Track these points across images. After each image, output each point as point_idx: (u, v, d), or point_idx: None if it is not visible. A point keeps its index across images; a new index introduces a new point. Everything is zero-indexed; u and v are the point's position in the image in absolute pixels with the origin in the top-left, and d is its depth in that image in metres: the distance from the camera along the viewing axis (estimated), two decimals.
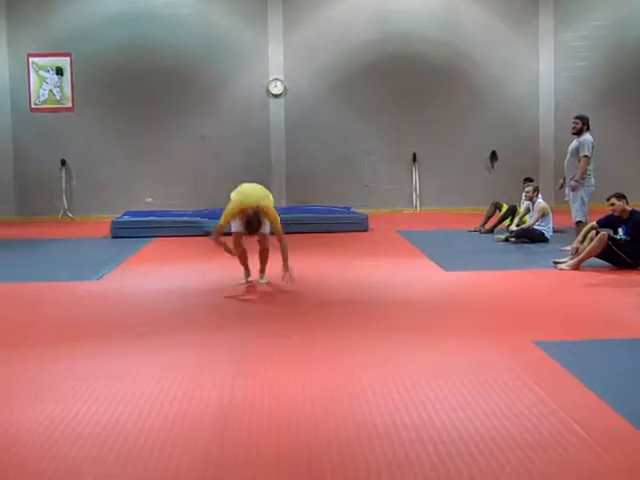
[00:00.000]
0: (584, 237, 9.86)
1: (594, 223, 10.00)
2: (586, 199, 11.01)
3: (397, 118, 17.44)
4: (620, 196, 9.86)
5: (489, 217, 13.78)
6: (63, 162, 17.17)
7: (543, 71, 17.65)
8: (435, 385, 5.25)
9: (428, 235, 13.39)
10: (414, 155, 17.44)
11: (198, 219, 13.84)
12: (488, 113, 17.60)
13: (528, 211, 12.71)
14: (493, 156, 17.43)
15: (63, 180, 17.17)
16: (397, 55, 17.28)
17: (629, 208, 9.81)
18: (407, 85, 17.39)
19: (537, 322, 7.12)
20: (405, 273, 9.80)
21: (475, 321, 7.18)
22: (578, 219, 10.97)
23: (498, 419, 4.60)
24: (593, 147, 11.07)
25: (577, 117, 11.33)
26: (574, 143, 11.20)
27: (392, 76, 17.36)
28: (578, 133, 11.14)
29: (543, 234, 12.30)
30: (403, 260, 10.80)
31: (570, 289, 8.80)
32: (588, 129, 11.19)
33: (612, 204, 9.81)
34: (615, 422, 4.57)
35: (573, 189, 11.04)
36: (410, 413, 4.74)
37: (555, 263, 9.90)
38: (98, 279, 9.55)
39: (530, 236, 12.27)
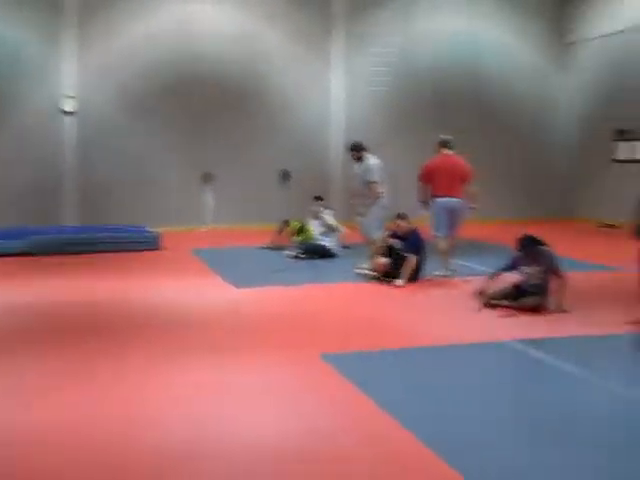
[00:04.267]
0: (377, 253, 10.53)
1: (384, 240, 10.68)
2: (380, 218, 11.34)
3: (192, 137, 17.56)
4: (404, 217, 10.56)
5: (279, 234, 14.15)
6: None
7: (335, 94, 18.40)
8: (227, 403, 5.46)
9: (221, 253, 13.59)
10: (208, 173, 17.61)
11: None
12: (282, 133, 18.10)
13: (318, 228, 13.18)
14: (285, 175, 17.90)
15: None
16: (194, 75, 17.41)
17: (409, 227, 10.53)
18: (202, 104, 17.54)
19: (326, 336, 7.51)
20: (197, 292, 9.93)
21: (266, 337, 7.45)
22: (372, 236, 11.30)
23: (286, 434, 4.88)
24: (380, 170, 11.57)
25: (351, 149, 11.67)
26: (359, 169, 11.57)
27: (187, 96, 17.45)
28: (359, 160, 11.60)
29: (331, 250, 12.83)
30: (195, 278, 10.92)
31: (358, 302, 9.32)
32: (366, 152, 11.56)
33: (398, 225, 10.51)
34: (390, 426, 4.95)
35: (361, 214, 11.41)
36: (203, 430, 4.91)
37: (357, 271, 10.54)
38: None
39: (319, 252, 12.77)
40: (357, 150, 11.61)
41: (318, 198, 13.97)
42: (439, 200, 11.02)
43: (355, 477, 4.26)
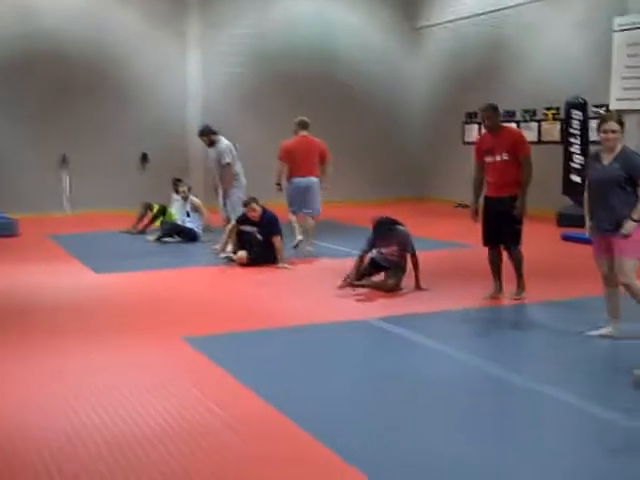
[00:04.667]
0: (232, 241, 10.66)
1: (235, 227, 10.78)
2: (240, 199, 11.36)
3: (45, 118, 17.00)
4: (255, 200, 10.62)
5: (141, 218, 14.01)
6: None
7: (191, 75, 18.26)
8: (87, 387, 5.43)
9: (80, 238, 13.32)
10: (64, 156, 17.18)
11: None
12: (138, 115, 17.82)
13: (180, 210, 13.04)
14: (144, 157, 17.67)
15: None
16: (42, 52, 16.81)
17: (260, 210, 10.60)
18: (54, 85, 17.00)
19: (188, 318, 7.56)
20: (55, 277, 9.73)
21: (127, 322, 7.42)
22: (233, 218, 11.31)
23: (151, 416, 4.90)
24: (233, 150, 11.71)
25: (200, 135, 11.96)
26: (213, 152, 11.77)
27: (38, 75, 16.88)
28: (212, 144, 11.73)
29: (193, 231, 12.79)
30: (53, 264, 10.68)
31: (221, 285, 9.41)
32: (216, 135, 11.74)
33: (253, 209, 10.54)
34: (257, 406, 5.09)
35: (224, 197, 11.71)
36: (60, 416, 4.89)
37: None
38: None
39: (182, 235, 12.71)
40: (207, 134, 11.73)
41: (178, 180, 13.81)
42: (295, 180, 11.28)
43: (223, 458, 4.35)
